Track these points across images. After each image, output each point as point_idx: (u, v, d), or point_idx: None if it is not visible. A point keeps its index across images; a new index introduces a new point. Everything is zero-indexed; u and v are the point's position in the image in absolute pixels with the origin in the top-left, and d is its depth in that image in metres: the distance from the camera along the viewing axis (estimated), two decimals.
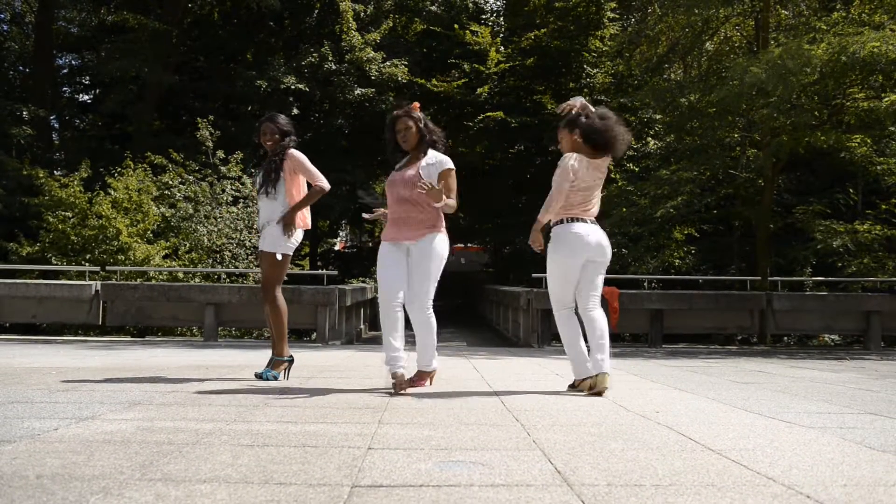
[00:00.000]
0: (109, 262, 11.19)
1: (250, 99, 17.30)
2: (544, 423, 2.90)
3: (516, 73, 18.88)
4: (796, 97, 9.50)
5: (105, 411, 3.03)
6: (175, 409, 3.14)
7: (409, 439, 2.51)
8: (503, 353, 7.75)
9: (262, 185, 4.35)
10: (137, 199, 12.14)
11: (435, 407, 3.33)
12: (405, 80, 18.20)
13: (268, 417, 2.94)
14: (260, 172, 4.44)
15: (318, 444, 2.39)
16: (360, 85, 17.52)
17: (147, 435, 2.51)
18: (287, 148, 4.37)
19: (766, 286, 11.11)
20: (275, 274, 4.32)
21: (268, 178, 4.32)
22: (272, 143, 4.40)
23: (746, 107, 10.26)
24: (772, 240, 12.35)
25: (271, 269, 4.31)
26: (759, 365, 6.41)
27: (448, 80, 18.88)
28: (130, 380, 4.26)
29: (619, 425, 2.89)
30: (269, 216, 4.32)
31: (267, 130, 4.41)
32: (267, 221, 4.33)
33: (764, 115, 9.82)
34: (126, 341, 8.90)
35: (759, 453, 2.37)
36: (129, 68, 16.00)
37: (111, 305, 9.48)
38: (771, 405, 3.58)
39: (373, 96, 17.50)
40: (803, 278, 12.92)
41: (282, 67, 16.76)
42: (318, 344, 9.04)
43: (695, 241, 13.75)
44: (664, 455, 2.32)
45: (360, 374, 4.85)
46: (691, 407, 3.50)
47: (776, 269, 12.76)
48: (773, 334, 10.56)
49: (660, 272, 12.69)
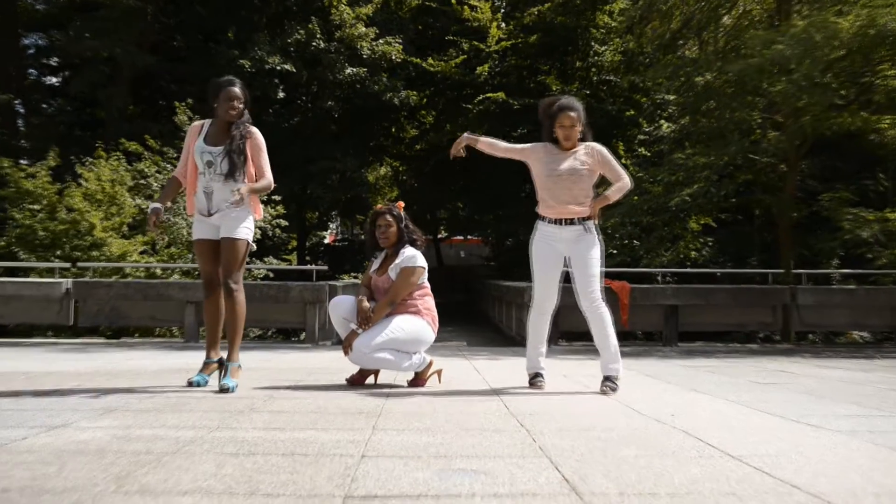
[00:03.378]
0: (81, 258, 11.17)
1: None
2: (551, 428, 2.90)
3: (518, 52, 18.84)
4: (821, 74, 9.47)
5: (78, 419, 3.02)
6: (153, 415, 3.14)
7: (405, 446, 2.51)
8: (506, 353, 7.76)
9: (228, 170, 4.05)
10: (111, 190, 12.11)
11: (433, 411, 3.33)
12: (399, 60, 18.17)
13: (253, 424, 2.94)
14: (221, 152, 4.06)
15: (307, 453, 2.39)
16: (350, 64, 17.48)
17: (123, 444, 2.51)
18: (248, 124, 4.17)
19: (789, 279, 11.11)
20: (242, 262, 4.15)
21: (235, 161, 4.05)
22: (236, 112, 4.11)
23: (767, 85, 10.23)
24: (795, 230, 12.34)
25: (240, 257, 4.11)
26: (782, 364, 6.42)
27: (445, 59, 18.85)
28: (105, 385, 4.25)
29: (631, 430, 2.89)
30: (226, 199, 4.06)
31: (233, 96, 4.09)
32: (226, 205, 4.06)
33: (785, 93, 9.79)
34: (100, 343, 8.89)
35: (782, 460, 2.37)
36: (101, 48, 15.94)
37: (83, 305, 9.46)
38: (795, 408, 3.58)
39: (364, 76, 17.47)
40: (830, 271, 12.92)
41: (266, 46, 16.71)
42: (307, 345, 9.04)
43: (712, 232, 13.74)
44: (680, 462, 2.32)
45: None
46: (709, 410, 3.51)
47: (800, 261, 12.75)
48: (797, 331, 10.56)
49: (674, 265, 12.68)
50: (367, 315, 4.16)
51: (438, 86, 20.22)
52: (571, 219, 4.15)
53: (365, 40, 17.36)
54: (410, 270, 4.24)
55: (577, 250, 4.16)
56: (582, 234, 4.16)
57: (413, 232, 4.40)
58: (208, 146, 4.10)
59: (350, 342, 4.17)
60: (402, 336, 4.17)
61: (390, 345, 4.15)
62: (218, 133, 4.14)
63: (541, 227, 4.26)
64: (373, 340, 4.11)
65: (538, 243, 4.26)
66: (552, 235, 4.19)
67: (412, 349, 4.24)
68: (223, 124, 4.15)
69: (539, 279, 4.25)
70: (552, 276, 4.23)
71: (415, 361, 4.27)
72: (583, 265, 4.15)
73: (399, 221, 4.35)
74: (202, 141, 4.13)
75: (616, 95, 18.22)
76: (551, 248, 4.20)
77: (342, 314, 4.31)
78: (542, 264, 4.22)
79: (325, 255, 24.51)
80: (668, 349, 8.88)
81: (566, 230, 4.16)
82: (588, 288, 4.14)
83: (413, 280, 4.24)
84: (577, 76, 18.93)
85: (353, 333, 4.19)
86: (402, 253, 4.30)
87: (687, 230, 12.97)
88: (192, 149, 4.16)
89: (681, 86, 12.13)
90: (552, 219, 4.18)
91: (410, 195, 26.99)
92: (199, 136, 4.16)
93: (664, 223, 12.55)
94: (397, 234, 4.34)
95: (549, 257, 4.21)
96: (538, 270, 4.24)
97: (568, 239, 4.16)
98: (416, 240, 4.39)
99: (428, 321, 4.30)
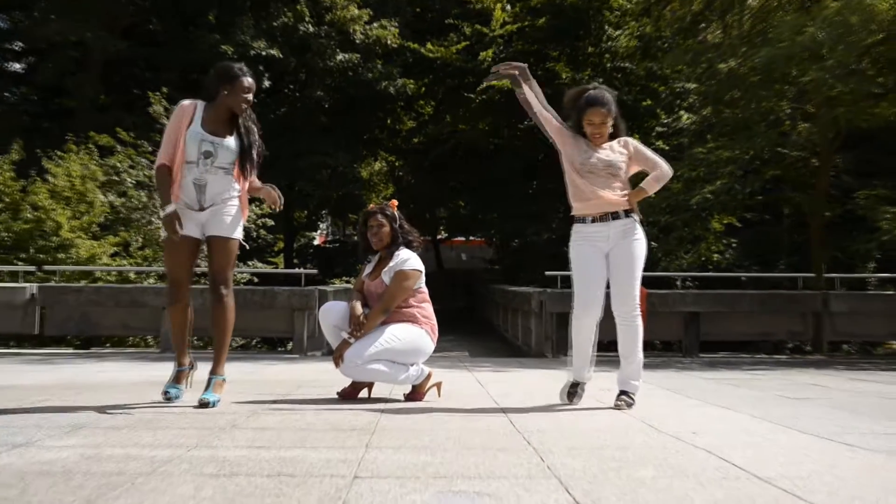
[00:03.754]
0: (48, 261, 11.17)
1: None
2: (561, 447, 2.90)
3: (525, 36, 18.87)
4: (857, 60, 9.47)
5: (43, 437, 3.02)
6: (126, 433, 3.13)
7: (402, 466, 2.51)
8: (512, 365, 7.76)
9: (243, 167, 4.06)
10: (81, 186, 12.13)
11: (432, 428, 3.33)
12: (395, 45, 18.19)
13: (236, 442, 2.93)
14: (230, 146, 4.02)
15: (294, 473, 2.39)
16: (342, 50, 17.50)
17: (93, 464, 2.50)
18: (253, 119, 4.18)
19: (821, 284, 11.11)
20: (233, 265, 4.13)
21: (253, 158, 4.07)
22: (248, 105, 4.08)
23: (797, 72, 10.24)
24: (828, 230, 12.35)
25: (233, 258, 4.11)
26: (813, 377, 6.42)
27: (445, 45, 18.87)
28: (73, 399, 4.24)
29: (648, 449, 2.89)
30: (220, 193, 4.03)
31: (250, 88, 4.05)
32: (221, 199, 4.03)
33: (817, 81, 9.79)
34: (68, 354, 8.89)
35: (815, 482, 2.36)
36: (69, 32, 15.97)
37: (50, 311, 9.46)
38: (828, 425, 3.58)
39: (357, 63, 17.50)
40: (866, 275, 12.92)
41: (250, 30, 16.75)
42: (294, 355, 9.04)
43: (736, 233, 13.75)
44: (702, 484, 2.31)
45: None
46: (734, 427, 3.50)
47: (834, 264, 12.76)
48: (830, 341, 10.56)
49: (695, 269, 12.69)
50: (360, 322, 4.16)
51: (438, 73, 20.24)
52: (616, 212, 4.02)
53: (358, 24, 17.39)
54: (405, 274, 4.23)
55: (621, 247, 4.03)
56: (630, 228, 4.04)
57: (408, 233, 4.41)
58: (208, 134, 4.00)
59: (341, 352, 4.16)
60: (399, 346, 4.17)
61: (385, 355, 4.14)
62: (218, 121, 4.05)
63: (581, 230, 4.10)
64: (366, 351, 4.10)
65: (578, 245, 4.10)
66: (596, 235, 4.04)
67: (409, 360, 4.23)
68: (226, 113, 4.06)
69: (579, 285, 4.07)
70: (595, 283, 4.03)
71: (412, 374, 4.27)
72: (626, 264, 4.02)
73: (392, 221, 4.35)
74: (199, 126, 4.00)
75: (632, 84, 18.24)
76: (594, 248, 4.05)
77: (333, 322, 4.31)
78: (585, 269, 4.05)
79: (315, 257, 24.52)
80: (689, 360, 8.88)
81: (613, 226, 4.03)
82: (630, 292, 4.03)
83: (408, 284, 4.24)
84: (589, 63, 18.96)
85: (345, 343, 4.18)
86: (396, 255, 4.30)
87: (709, 230, 12.98)
88: (184, 133, 3.99)
89: (702, 73, 12.13)
90: (595, 216, 4.04)
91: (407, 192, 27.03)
92: (194, 119, 4.02)
93: (684, 223, 12.55)
94: (391, 235, 4.34)
95: (592, 256, 4.04)
96: (579, 276, 4.07)
97: (614, 236, 4.03)
98: (411, 241, 4.39)
99: (426, 330, 4.29)
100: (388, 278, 4.26)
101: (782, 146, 11.46)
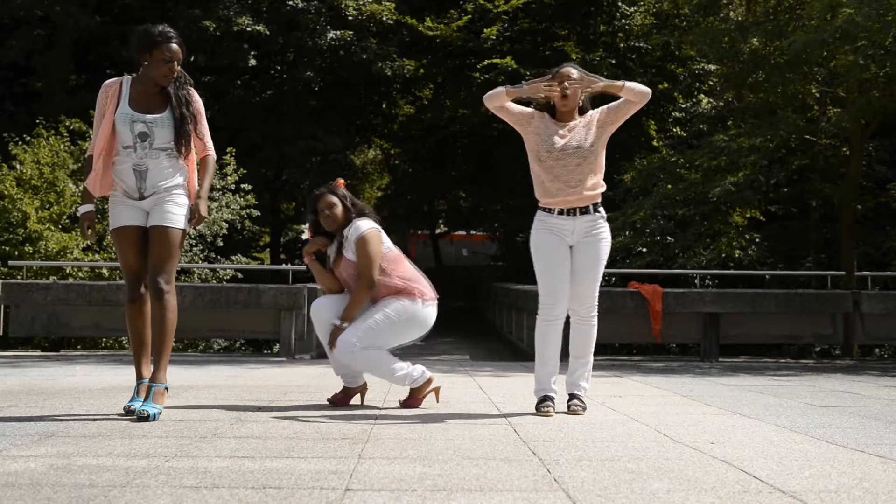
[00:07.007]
0: (13, 255, 11.16)
1: (193, 46, 17.24)
2: (568, 457, 2.90)
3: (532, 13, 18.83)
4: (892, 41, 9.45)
5: (8, 446, 3.02)
6: (99, 441, 3.14)
7: (397, 478, 2.52)
8: (515, 369, 7.76)
9: (177, 144, 3.92)
10: (50, 175, 12.10)
11: (430, 436, 3.33)
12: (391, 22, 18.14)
13: (218, 452, 2.94)
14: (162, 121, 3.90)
15: (281, 485, 2.39)
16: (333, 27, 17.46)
17: (63, 475, 2.51)
18: (189, 86, 4.04)
19: (852, 283, 11.11)
20: (177, 257, 4.03)
21: (187, 132, 3.94)
22: (174, 76, 3.92)
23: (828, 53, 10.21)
24: (859, 224, 12.35)
25: (175, 250, 3.97)
26: (843, 384, 6.43)
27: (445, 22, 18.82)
28: (41, 405, 4.25)
29: (663, 460, 2.90)
30: (163, 179, 3.93)
31: (174, 55, 3.86)
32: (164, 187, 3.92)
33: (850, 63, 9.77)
34: (35, 356, 8.89)
35: (843, 496, 2.37)
36: (36, 6, 15.91)
37: (15, 311, 9.46)
38: (859, 435, 3.59)
39: (350, 41, 17.44)
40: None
41: (234, 5, 16.70)
42: (281, 358, 9.05)
43: (760, 227, 13.75)
44: (721, 498, 2.32)
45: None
46: (756, 437, 3.51)
47: (865, 261, 12.76)
48: (861, 345, 10.58)
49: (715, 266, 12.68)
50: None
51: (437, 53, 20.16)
52: (585, 207, 4.08)
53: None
54: (363, 239, 4.22)
55: (587, 246, 4.09)
56: (596, 224, 4.11)
57: (361, 208, 4.45)
58: (138, 113, 3.89)
59: (335, 337, 4.17)
60: (395, 318, 4.18)
61: (386, 334, 4.16)
62: (146, 96, 3.94)
63: (545, 219, 4.15)
64: (362, 331, 4.11)
65: (541, 234, 4.16)
66: (561, 227, 4.09)
67: (414, 335, 4.28)
68: (152, 85, 3.94)
69: (544, 276, 4.13)
70: (560, 273, 4.10)
71: (413, 373, 4.25)
72: (591, 267, 4.10)
73: (343, 199, 4.38)
74: (127, 106, 3.91)
75: (647, 65, 18.21)
76: (558, 240, 4.10)
77: (327, 318, 4.29)
78: (548, 258, 4.11)
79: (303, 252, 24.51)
80: (708, 365, 8.89)
81: (579, 221, 4.08)
82: (591, 293, 4.14)
83: (372, 249, 4.22)
84: (600, 42, 18.94)
85: (338, 329, 4.19)
86: (348, 230, 4.33)
87: (730, 225, 12.96)
88: (110, 116, 3.90)
89: (724, 54, 12.11)
90: (561, 209, 4.09)
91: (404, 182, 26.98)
92: (121, 99, 3.93)
93: (703, 217, 12.54)
94: (344, 214, 4.36)
95: (555, 249, 4.10)
96: (543, 266, 4.14)
97: (580, 231, 4.09)
98: (365, 213, 4.42)
99: (415, 297, 4.27)
100: (352, 254, 4.26)
101: (810, 133, 11.44)
